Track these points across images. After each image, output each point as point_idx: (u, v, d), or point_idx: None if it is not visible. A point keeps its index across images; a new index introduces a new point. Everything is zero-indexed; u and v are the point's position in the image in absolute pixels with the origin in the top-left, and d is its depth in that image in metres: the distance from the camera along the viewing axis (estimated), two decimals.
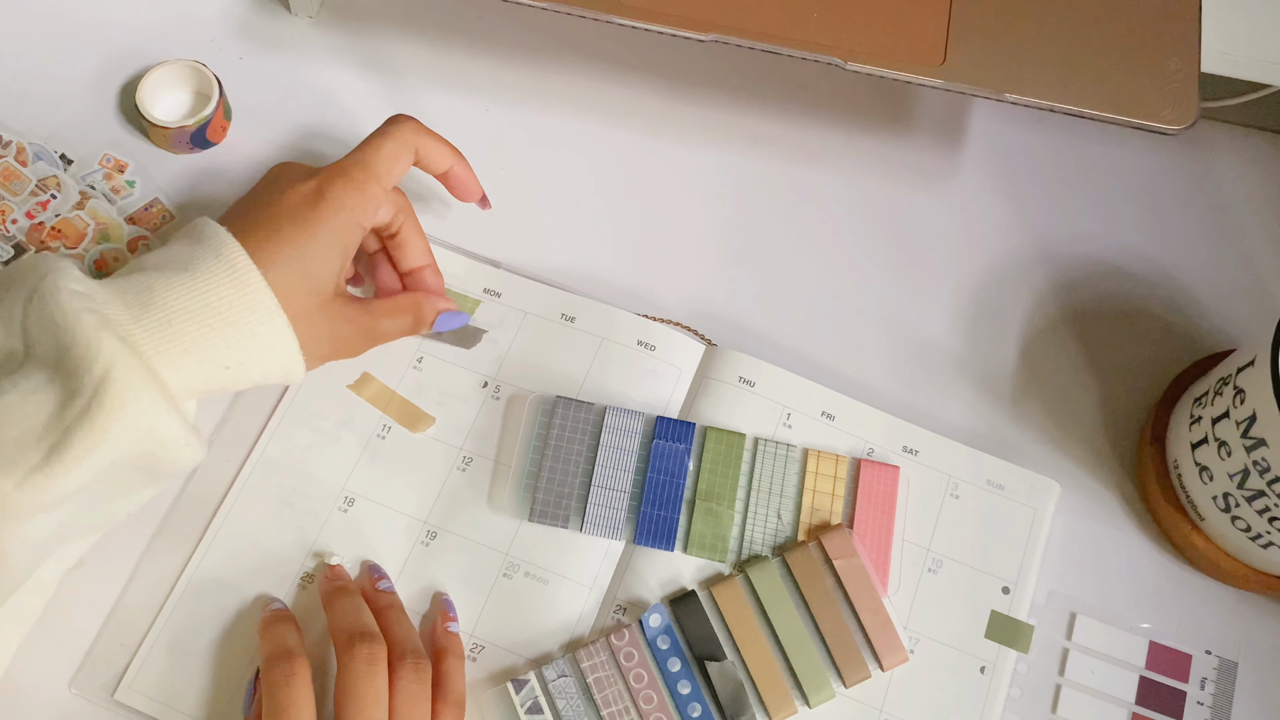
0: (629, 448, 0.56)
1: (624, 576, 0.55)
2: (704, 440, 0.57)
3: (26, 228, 0.60)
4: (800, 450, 0.57)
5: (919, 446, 0.58)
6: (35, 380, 0.44)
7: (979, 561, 0.56)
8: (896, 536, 0.56)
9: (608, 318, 0.60)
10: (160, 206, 0.63)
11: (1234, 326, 0.64)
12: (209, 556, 0.54)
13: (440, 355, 0.60)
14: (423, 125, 0.56)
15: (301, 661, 0.49)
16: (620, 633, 0.53)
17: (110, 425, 0.43)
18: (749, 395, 0.58)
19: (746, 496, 0.56)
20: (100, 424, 0.43)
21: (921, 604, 0.55)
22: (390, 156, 0.54)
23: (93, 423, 0.43)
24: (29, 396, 0.43)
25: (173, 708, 0.52)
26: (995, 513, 0.57)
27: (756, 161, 0.67)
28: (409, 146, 0.55)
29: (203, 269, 0.48)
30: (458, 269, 0.62)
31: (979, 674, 0.54)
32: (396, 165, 0.54)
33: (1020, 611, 0.55)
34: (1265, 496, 0.51)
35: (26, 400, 0.43)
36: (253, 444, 0.57)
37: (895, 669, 0.54)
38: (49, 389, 0.43)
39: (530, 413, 0.58)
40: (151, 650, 0.53)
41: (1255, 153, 0.69)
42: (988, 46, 0.56)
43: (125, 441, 0.44)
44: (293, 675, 0.48)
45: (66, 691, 0.52)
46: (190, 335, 0.46)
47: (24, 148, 0.63)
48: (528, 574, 0.55)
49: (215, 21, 0.69)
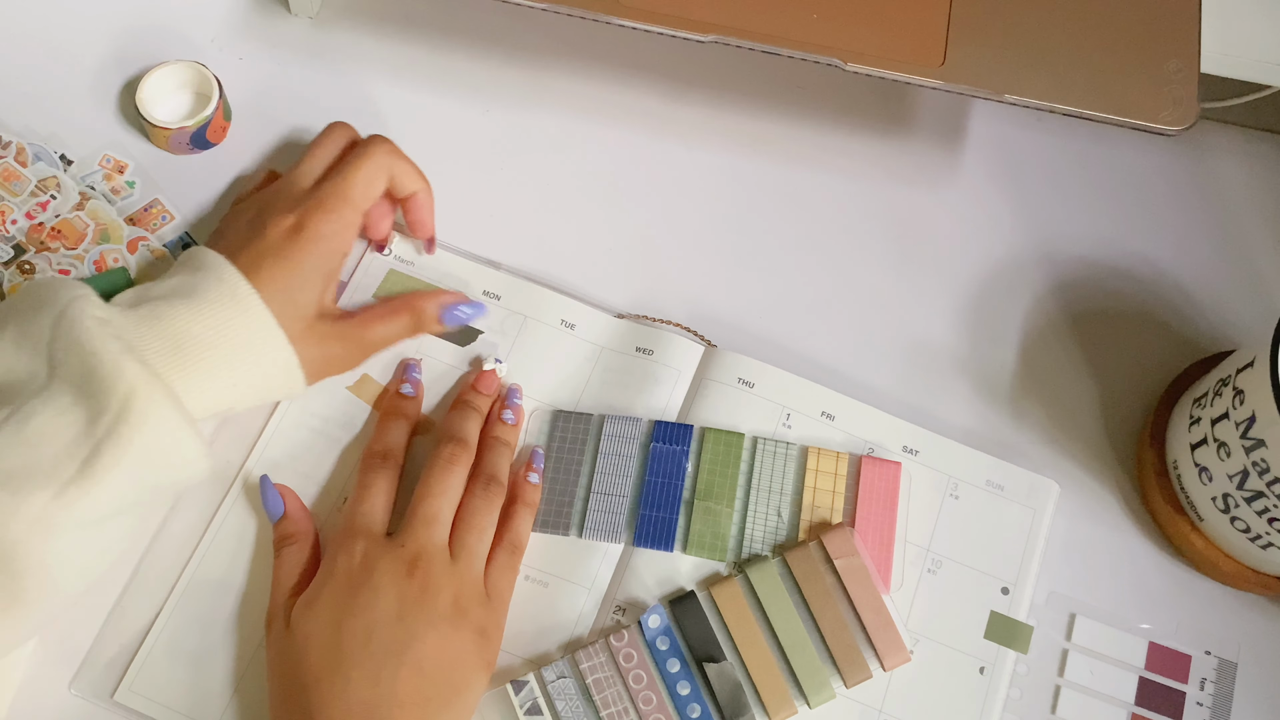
0: (628, 453, 0.57)
1: (623, 577, 0.55)
2: (702, 440, 0.57)
3: (26, 228, 0.60)
4: (800, 448, 0.57)
5: (919, 446, 0.58)
6: (62, 401, 0.46)
7: (978, 562, 0.56)
8: (898, 535, 0.56)
9: (607, 326, 0.60)
10: (160, 207, 0.63)
11: (1234, 327, 0.64)
12: (208, 558, 0.55)
13: (439, 358, 0.60)
14: (397, 148, 0.58)
15: (395, 459, 0.55)
16: (619, 634, 0.53)
17: (135, 438, 0.46)
18: (748, 396, 0.58)
19: (746, 495, 0.56)
20: (126, 437, 0.46)
21: (921, 604, 0.55)
22: (365, 181, 0.56)
23: (119, 436, 0.46)
24: (59, 416, 0.46)
25: (172, 709, 0.52)
26: (995, 513, 0.57)
27: (756, 162, 0.67)
28: (384, 170, 0.57)
29: (206, 294, 0.51)
30: (457, 270, 0.62)
31: (978, 674, 0.54)
32: (371, 189, 0.56)
33: (1019, 612, 0.55)
34: (1264, 497, 0.51)
35: (57, 419, 0.46)
36: (252, 445, 0.57)
37: (896, 669, 0.54)
38: (76, 409, 0.46)
39: (532, 426, 0.58)
40: (151, 652, 0.53)
41: (1255, 153, 0.69)
42: (988, 47, 0.56)
43: (149, 455, 0.47)
44: (384, 466, 0.54)
45: (67, 693, 0.52)
46: (200, 355, 0.49)
47: (24, 148, 0.63)
48: (527, 577, 0.55)
49: (215, 21, 0.69)
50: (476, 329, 0.60)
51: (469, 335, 0.60)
